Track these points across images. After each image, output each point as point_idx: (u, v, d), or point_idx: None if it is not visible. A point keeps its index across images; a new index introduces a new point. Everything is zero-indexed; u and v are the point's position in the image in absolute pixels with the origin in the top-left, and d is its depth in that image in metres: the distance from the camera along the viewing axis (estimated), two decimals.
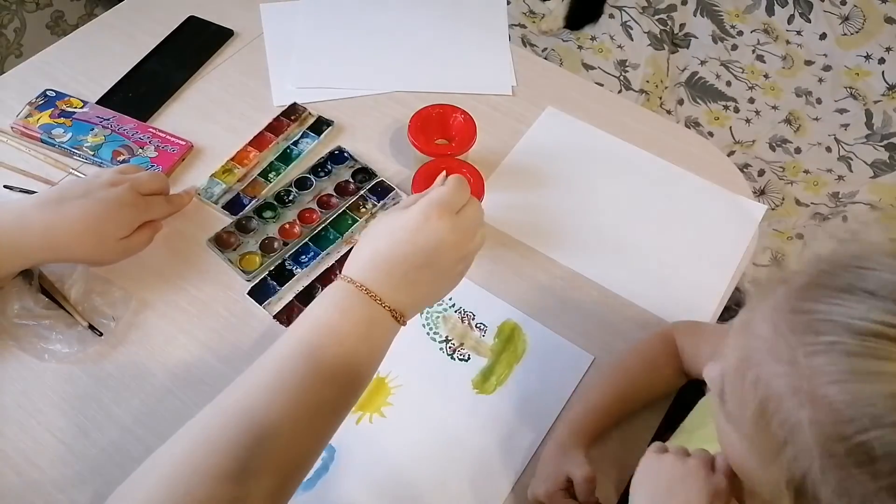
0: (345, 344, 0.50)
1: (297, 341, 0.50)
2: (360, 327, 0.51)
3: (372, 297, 0.52)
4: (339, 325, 0.51)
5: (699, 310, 0.76)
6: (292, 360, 0.49)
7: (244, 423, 0.46)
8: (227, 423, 0.47)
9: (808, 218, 1.32)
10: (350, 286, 0.52)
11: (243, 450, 0.45)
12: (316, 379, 0.49)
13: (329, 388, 0.49)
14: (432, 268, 0.54)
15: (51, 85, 0.88)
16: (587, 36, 1.49)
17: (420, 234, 0.53)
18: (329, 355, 0.50)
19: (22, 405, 0.66)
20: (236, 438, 0.46)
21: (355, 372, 0.51)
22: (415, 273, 0.53)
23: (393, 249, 0.53)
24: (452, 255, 0.54)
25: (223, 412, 0.48)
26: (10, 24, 1.46)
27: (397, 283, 0.53)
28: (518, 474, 0.64)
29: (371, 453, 0.65)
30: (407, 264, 0.53)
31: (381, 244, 0.53)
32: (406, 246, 0.53)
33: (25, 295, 0.69)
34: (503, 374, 0.70)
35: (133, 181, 0.70)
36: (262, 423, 0.46)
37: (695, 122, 1.44)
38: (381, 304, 0.52)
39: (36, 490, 0.61)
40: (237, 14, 1.01)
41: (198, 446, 0.46)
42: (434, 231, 0.53)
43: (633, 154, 0.89)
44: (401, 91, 0.94)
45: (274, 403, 0.47)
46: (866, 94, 1.44)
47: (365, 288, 0.52)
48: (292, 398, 0.48)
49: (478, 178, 0.75)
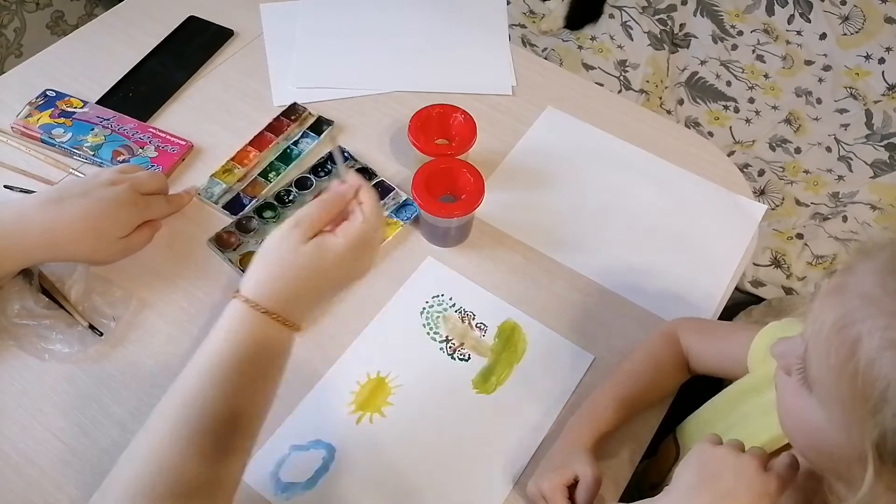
0: (248, 351, 0.53)
1: (209, 355, 0.52)
2: (253, 346, 0.53)
3: (265, 312, 0.53)
4: (238, 337, 0.53)
5: (699, 309, 0.76)
6: (217, 363, 0.52)
7: (205, 409, 0.50)
8: (189, 412, 0.50)
9: (808, 218, 1.32)
10: (244, 305, 0.53)
11: (213, 433, 0.50)
12: (242, 373, 0.52)
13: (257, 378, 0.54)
14: (328, 282, 0.57)
15: (51, 85, 0.88)
16: (587, 36, 1.49)
17: (320, 257, 0.55)
18: (242, 354, 0.52)
19: (22, 405, 0.66)
20: (207, 423, 0.50)
21: (262, 374, 0.54)
22: (310, 290, 0.55)
23: (282, 267, 0.54)
24: (349, 273, 0.58)
25: (177, 406, 0.51)
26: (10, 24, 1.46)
27: (292, 300, 0.54)
28: (518, 474, 0.64)
29: (371, 453, 0.65)
30: (301, 283, 0.54)
31: (273, 265, 0.55)
32: (300, 269, 0.54)
33: (25, 295, 0.69)
34: (503, 374, 0.70)
35: (133, 181, 0.70)
36: (215, 408, 0.50)
37: (695, 122, 1.44)
38: (275, 319, 0.53)
39: (36, 490, 0.61)
40: (237, 14, 1.01)
41: (173, 434, 0.50)
42: (334, 251, 0.55)
43: (633, 154, 0.89)
44: (401, 91, 0.94)
45: (219, 391, 0.51)
46: (866, 94, 1.44)
47: (260, 306, 0.53)
48: (229, 384, 0.51)
49: (478, 178, 0.75)
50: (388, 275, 0.77)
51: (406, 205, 0.81)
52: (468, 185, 0.75)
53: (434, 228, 0.77)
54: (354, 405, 0.68)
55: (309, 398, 0.68)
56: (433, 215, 0.74)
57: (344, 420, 0.67)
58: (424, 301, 0.75)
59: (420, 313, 0.74)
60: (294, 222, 0.56)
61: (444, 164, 0.77)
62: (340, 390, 0.69)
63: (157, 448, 0.49)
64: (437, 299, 0.75)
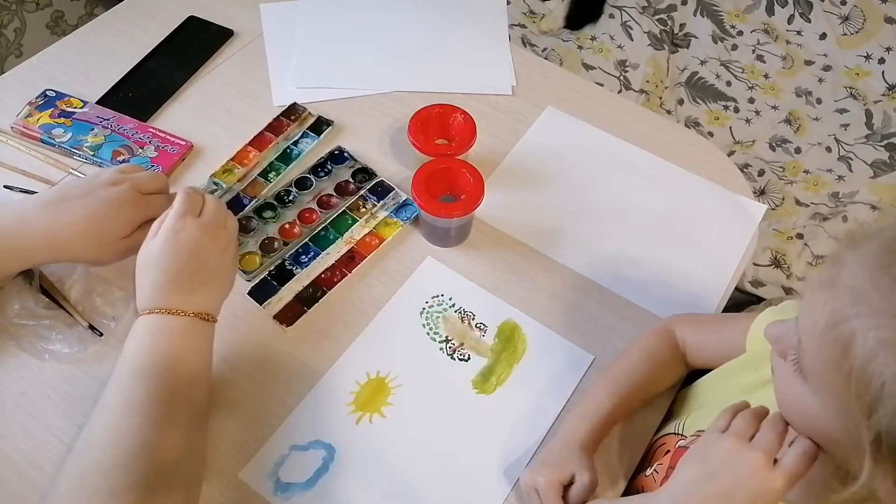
0: (170, 356, 0.57)
1: (132, 371, 0.56)
2: (177, 340, 0.58)
3: (175, 313, 0.58)
4: (159, 346, 0.57)
5: (699, 309, 0.76)
6: (134, 386, 0.55)
7: (127, 444, 0.53)
8: (108, 450, 0.53)
9: (808, 218, 1.32)
10: (152, 315, 0.58)
11: (133, 469, 0.52)
12: (161, 391, 0.56)
13: (178, 393, 0.57)
14: (207, 266, 0.61)
15: (51, 85, 0.88)
16: (587, 36, 1.49)
17: (180, 247, 0.59)
18: (163, 370, 0.56)
19: (22, 405, 0.66)
20: (125, 458, 0.52)
21: (194, 377, 0.59)
22: (196, 277, 0.60)
23: (167, 270, 0.59)
24: (215, 248, 0.62)
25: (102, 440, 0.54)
26: (10, 24, 1.46)
27: (187, 292, 0.59)
28: (518, 474, 0.64)
29: (371, 453, 0.65)
30: (186, 274, 0.59)
31: (155, 273, 0.59)
32: (175, 263, 0.59)
33: (25, 295, 0.69)
34: (503, 374, 0.70)
35: (133, 181, 0.70)
36: (140, 441, 0.53)
37: (695, 122, 1.44)
38: (185, 315, 0.58)
39: (36, 490, 0.61)
40: (237, 14, 1.01)
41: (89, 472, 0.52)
42: (188, 239, 0.60)
43: (633, 154, 0.89)
44: (401, 91, 0.94)
45: (135, 422, 0.54)
46: (866, 94, 1.44)
47: (165, 309, 0.58)
48: (148, 412, 0.54)
49: (478, 179, 0.75)
50: (388, 275, 0.77)
51: (406, 205, 0.81)
52: (468, 185, 0.75)
53: (434, 229, 0.77)
54: (354, 405, 0.68)
55: (308, 398, 0.68)
56: (433, 216, 0.74)
57: (344, 420, 0.67)
58: (424, 301, 0.75)
59: (420, 313, 0.74)
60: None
61: (444, 163, 0.77)
62: (340, 390, 0.69)
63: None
64: (437, 299, 0.75)
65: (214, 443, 0.64)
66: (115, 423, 0.54)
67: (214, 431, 0.65)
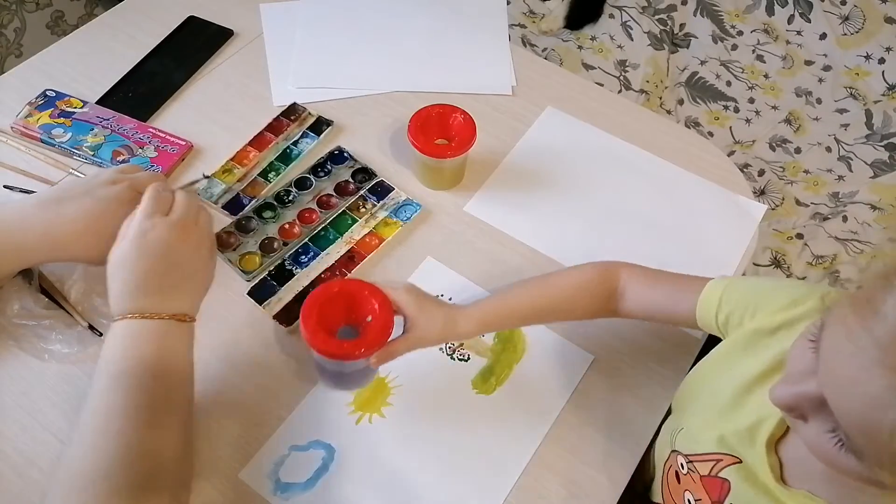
0: (148, 360, 0.55)
1: (109, 377, 0.54)
2: (153, 344, 0.56)
3: (148, 316, 0.56)
4: (135, 350, 0.55)
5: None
6: (112, 392, 0.54)
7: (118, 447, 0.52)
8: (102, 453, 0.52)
9: (808, 218, 1.32)
10: (125, 320, 0.56)
11: (132, 469, 0.51)
12: (141, 395, 0.54)
13: (159, 396, 0.55)
14: (179, 266, 0.59)
15: (51, 85, 0.88)
16: (587, 36, 1.50)
17: (148, 248, 0.57)
18: (141, 374, 0.55)
19: (22, 405, 0.66)
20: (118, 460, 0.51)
21: (175, 380, 0.57)
22: (167, 278, 0.58)
23: (136, 273, 0.57)
24: (186, 247, 0.59)
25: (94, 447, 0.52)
26: (10, 24, 1.46)
27: (159, 294, 0.57)
28: (518, 474, 0.64)
29: (371, 453, 0.65)
30: (156, 276, 0.57)
31: (125, 275, 0.57)
32: (144, 264, 0.57)
33: (25, 295, 0.69)
34: (503, 374, 0.70)
35: (133, 181, 0.70)
36: (123, 446, 0.52)
37: (695, 122, 1.44)
38: (160, 318, 0.56)
39: (36, 490, 0.61)
40: (237, 14, 1.01)
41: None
42: (156, 239, 0.58)
43: (633, 154, 0.89)
44: (401, 91, 0.94)
45: (115, 428, 0.53)
46: (866, 94, 1.45)
47: (139, 313, 0.56)
48: (129, 417, 0.53)
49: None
50: (388, 275, 0.77)
51: (406, 205, 0.81)
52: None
53: (329, 370, 0.66)
54: (354, 405, 0.68)
55: (308, 398, 0.68)
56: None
57: (343, 420, 0.67)
58: None
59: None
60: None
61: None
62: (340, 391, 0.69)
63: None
64: None
65: (214, 443, 0.64)
66: (96, 430, 0.53)
67: (214, 431, 0.65)
